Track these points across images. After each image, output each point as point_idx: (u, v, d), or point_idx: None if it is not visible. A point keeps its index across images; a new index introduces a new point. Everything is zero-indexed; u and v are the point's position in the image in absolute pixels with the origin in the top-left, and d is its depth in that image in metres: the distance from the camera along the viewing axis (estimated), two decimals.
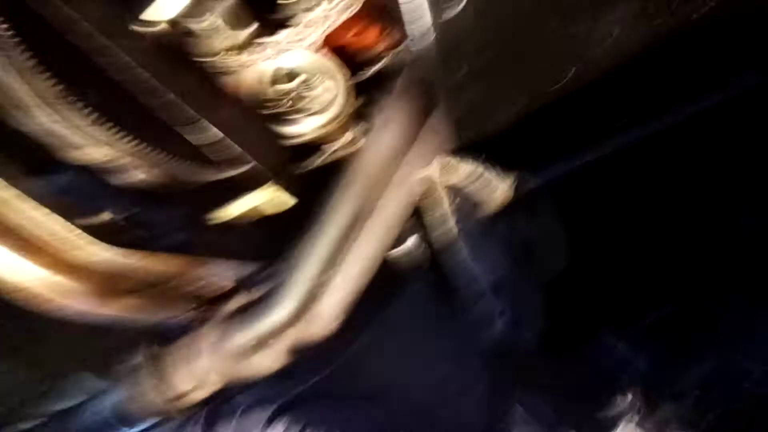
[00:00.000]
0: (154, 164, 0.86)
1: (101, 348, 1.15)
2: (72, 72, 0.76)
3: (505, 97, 0.61)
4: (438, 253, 0.75)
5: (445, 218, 0.65)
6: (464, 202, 0.63)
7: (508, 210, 0.65)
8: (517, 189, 0.61)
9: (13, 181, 0.81)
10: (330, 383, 0.83)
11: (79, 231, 0.83)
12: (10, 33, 0.73)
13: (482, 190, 0.65)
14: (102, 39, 0.77)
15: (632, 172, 0.66)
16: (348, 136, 1.03)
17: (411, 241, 0.75)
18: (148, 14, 0.84)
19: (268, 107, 0.96)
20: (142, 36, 0.85)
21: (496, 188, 0.62)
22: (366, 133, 1.01)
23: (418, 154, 0.82)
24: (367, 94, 1.01)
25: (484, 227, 0.62)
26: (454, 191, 0.64)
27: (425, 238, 0.73)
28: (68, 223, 0.82)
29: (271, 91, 0.97)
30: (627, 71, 0.58)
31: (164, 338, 1.05)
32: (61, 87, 0.75)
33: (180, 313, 1.00)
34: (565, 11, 0.52)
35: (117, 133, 0.79)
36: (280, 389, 0.85)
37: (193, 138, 0.91)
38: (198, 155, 0.89)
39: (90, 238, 0.83)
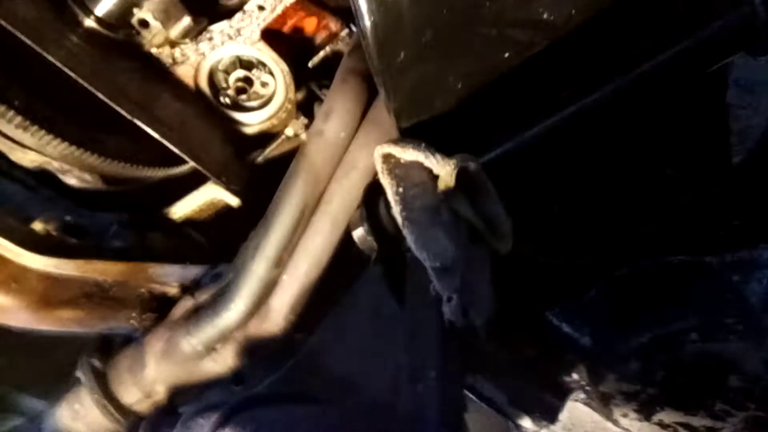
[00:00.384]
0: (85, 168, 0.82)
1: (40, 367, 1.10)
2: None
3: (443, 82, 0.61)
4: (385, 243, 0.75)
5: (389, 207, 0.65)
6: (408, 189, 0.63)
7: (451, 195, 0.64)
8: (459, 173, 0.60)
9: None
10: (281, 385, 0.81)
11: (7, 242, 0.78)
12: None
13: (425, 176, 0.64)
14: (29, 40, 0.73)
15: (566, 145, 0.67)
16: (290, 130, 1.01)
17: (358, 233, 0.74)
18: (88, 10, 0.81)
19: (210, 102, 0.94)
20: (69, 36, 0.81)
21: (439, 173, 0.62)
22: (307, 126, 1.00)
23: (361, 144, 0.82)
24: (307, 86, 1.00)
25: (429, 213, 0.61)
26: (397, 179, 0.64)
27: (372, 229, 0.72)
28: None
29: (210, 86, 0.95)
30: (561, 45, 0.59)
31: (106, 350, 1.01)
32: None
33: (122, 323, 0.96)
34: None
35: (44, 137, 0.75)
36: (228, 394, 0.83)
37: (127, 138, 0.88)
38: (133, 156, 0.86)
39: (20, 249, 0.78)
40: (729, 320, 0.67)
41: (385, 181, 0.65)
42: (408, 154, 0.64)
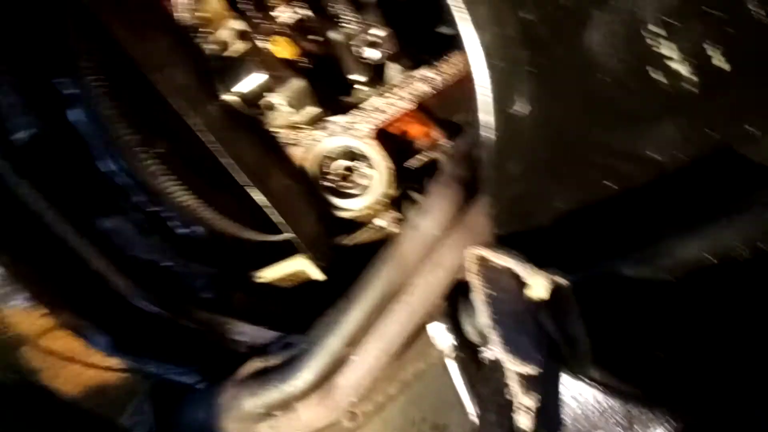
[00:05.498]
0: (198, 219, 0.90)
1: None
2: (146, 123, 0.83)
3: (546, 199, 0.66)
4: (461, 342, 0.77)
5: (472, 309, 0.68)
6: (497, 292, 0.66)
7: (537, 307, 0.67)
8: (551, 288, 0.63)
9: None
10: None
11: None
12: (99, 83, 0.80)
13: (514, 284, 0.67)
14: (178, 102, 0.84)
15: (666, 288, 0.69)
16: (382, 222, 1.07)
17: (436, 327, 0.76)
18: (227, 87, 0.92)
19: (315, 183, 1.01)
20: (207, 104, 0.93)
21: (530, 283, 0.65)
22: (400, 221, 1.05)
23: (451, 245, 0.86)
24: (406, 184, 1.07)
25: (516, 320, 0.64)
26: (488, 281, 0.67)
27: (452, 326, 0.75)
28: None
29: (321, 169, 1.03)
30: (663, 184, 0.63)
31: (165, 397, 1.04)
32: (134, 135, 0.81)
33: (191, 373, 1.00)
34: (620, 128, 0.58)
35: (174, 184, 0.84)
36: None
37: (237, 201, 0.96)
38: (242, 217, 0.94)
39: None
40: None
41: (475, 282, 0.68)
42: (501, 259, 0.68)
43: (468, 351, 0.76)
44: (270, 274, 1.03)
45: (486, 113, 0.58)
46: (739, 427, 0.73)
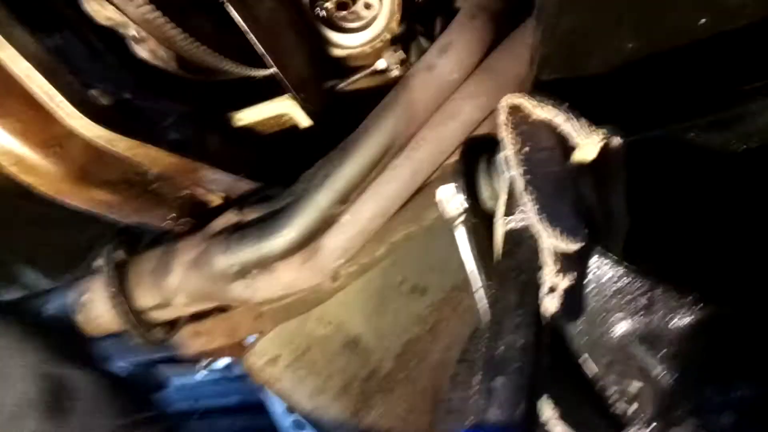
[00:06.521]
0: (164, 39, 0.73)
1: (55, 244, 1.03)
2: None
3: (612, 36, 0.51)
4: (475, 208, 0.65)
5: (505, 166, 0.55)
6: (534, 151, 0.53)
7: (580, 172, 0.55)
8: (603, 148, 0.51)
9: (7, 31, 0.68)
10: None
11: (63, 99, 0.70)
12: None
13: (555, 142, 0.54)
14: None
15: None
16: (382, 63, 0.91)
17: (446, 189, 0.64)
18: None
19: (307, 11, 0.84)
20: None
21: (578, 142, 0.52)
22: (405, 63, 0.90)
23: (469, 93, 0.72)
24: (410, 20, 0.90)
25: (555, 185, 0.52)
26: (523, 136, 0.54)
27: (466, 187, 0.63)
28: (52, 87, 0.69)
29: None
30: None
31: (132, 246, 0.93)
32: None
33: (157, 221, 0.88)
34: None
35: None
36: None
37: (213, 22, 0.78)
38: (214, 42, 0.77)
39: (74, 109, 0.70)
40: None
41: (507, 136, 0.55)
42: (544, 111, 0.55)
43: (480, 217, 0.65)
44: (250, 115, 0.88)
45: None
46: None
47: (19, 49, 0.66)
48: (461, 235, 0.65)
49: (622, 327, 0.61)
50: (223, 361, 1.45)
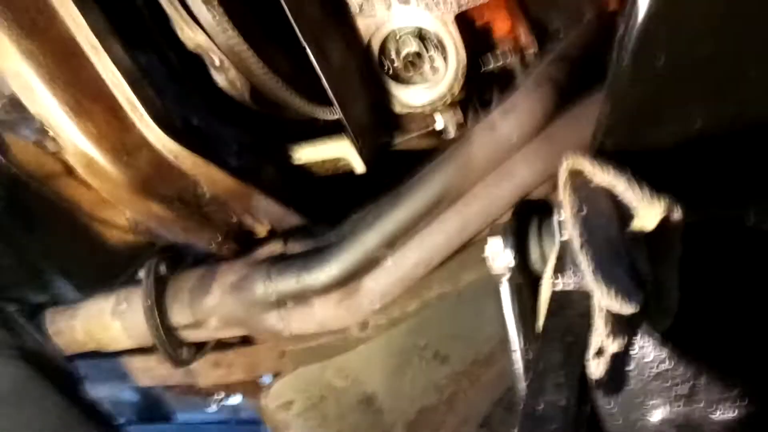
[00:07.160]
0: (245, 69, 0.78)
1: (88, 260, 1.05)
2: None
3: (682, 111, 0.53)
4: (523, 267, 0.65)
5: (563, 227, 0.56)
6: (591, 216, 0.54)
7: (635, 241, 0.55)
8: (664, 219, 0.51)
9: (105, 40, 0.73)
10: None
11: (143, 109, 0.74)
12: None
13: (612, 209, 0.55)
14: None
15: None
16: (440, 123, 0.95)
17: (495, 244, 0.65)
18: None
19: (376, 63, 0.88)
20: None
21: (639, 210, 0.52)
22: (461, 126, 0.93)
23: (526, 156, 0.74)
24: (471, 88, 0.93)
25: (611, 251, 0.52)
26: (581, 200, 0.55)
27: (515, 245, 0.63)
28: (134, 97, 0.73)
29: (380, 49, 0.90)
30: None
31: (174, 263, 0.95)
32: None
33: (203, 242, 0.90)
34: None
35: (225, 22, 0.71)
36: None
37: (291, 61, 0.83)
38: (291, 81, 0.81)
39: (151, 120, 0.74)
40: None
41: (567, 198, 0.56)
42: (606, 176, 0.56)
43: (526, 278, 0.65)
44: (308, 153, 0.91)
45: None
46: None
47: (113, 58, 0.70)
48: (505, 293, 0.65)
49: (659, 413, 0.59)
50: (234, 400, 1.43)
